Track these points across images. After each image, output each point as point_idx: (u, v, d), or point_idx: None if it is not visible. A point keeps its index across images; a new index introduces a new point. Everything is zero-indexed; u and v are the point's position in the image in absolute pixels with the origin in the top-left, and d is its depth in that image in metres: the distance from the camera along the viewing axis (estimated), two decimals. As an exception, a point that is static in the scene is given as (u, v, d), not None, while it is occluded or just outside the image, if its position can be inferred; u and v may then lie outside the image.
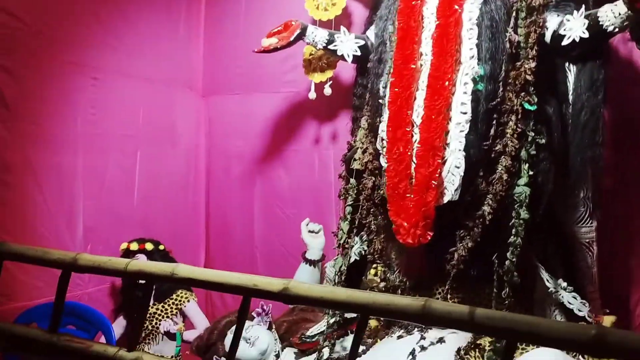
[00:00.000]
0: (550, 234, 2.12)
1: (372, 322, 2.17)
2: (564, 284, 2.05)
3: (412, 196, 1.98)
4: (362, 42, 2.37)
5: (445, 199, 1.97)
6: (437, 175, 1.95)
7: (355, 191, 2.27)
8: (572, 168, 2.09)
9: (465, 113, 1.99)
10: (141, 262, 1.68)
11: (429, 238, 1.96)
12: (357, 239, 2.33)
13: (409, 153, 2.02)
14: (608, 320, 2.08)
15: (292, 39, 2.36)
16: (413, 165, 2.00)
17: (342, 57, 2.40)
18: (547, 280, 2.06)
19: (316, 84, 2.60)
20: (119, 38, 2.76)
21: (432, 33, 2.08)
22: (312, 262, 2.58)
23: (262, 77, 3.04)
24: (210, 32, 3.25)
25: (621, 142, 2.34)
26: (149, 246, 2.71)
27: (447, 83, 2.02)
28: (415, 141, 2.04)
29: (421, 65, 2.09)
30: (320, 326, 2.22)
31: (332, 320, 2.17)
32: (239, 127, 3.15)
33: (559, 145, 2.07)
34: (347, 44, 2.37)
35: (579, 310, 2.03)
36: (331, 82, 2.57)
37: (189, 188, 3.22)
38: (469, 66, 2.02)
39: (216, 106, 3.25)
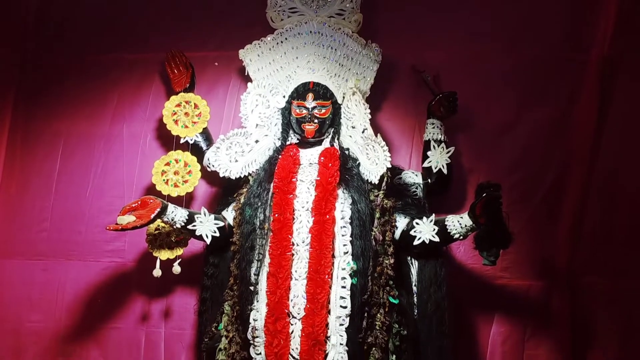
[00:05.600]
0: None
1: None
2: None
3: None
4: (221, 224, 2.33)
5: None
6: (321, 369, 1.99)
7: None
8: (423, 356, 2.30)
9: (345, 307, 2.11)
10: None
11: None
12: None
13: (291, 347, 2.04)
14: None
15: (152, 217, 2.21)
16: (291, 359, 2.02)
17: (200, 237, 2.32)
18: None
19: (162, 261, 2.42)
20: None
21: (305, 226, 2.20)
22: None
23: (76, 243, 2.72)
24: (6, 186, 2.82)
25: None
26: None
27: (327, 277, 2.12)
28: (293, 333, 2.08)
29: (293, 255, 2.18)
30: None
31: None
32: (36, 298, 2.70)
33: (414, 334, 2.29)
34: (207, 225, 2.31)
35: None
36: (180, 260, 2.43)
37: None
38: (343, 261, 2.16)
39: (4, 271, 2.76)
